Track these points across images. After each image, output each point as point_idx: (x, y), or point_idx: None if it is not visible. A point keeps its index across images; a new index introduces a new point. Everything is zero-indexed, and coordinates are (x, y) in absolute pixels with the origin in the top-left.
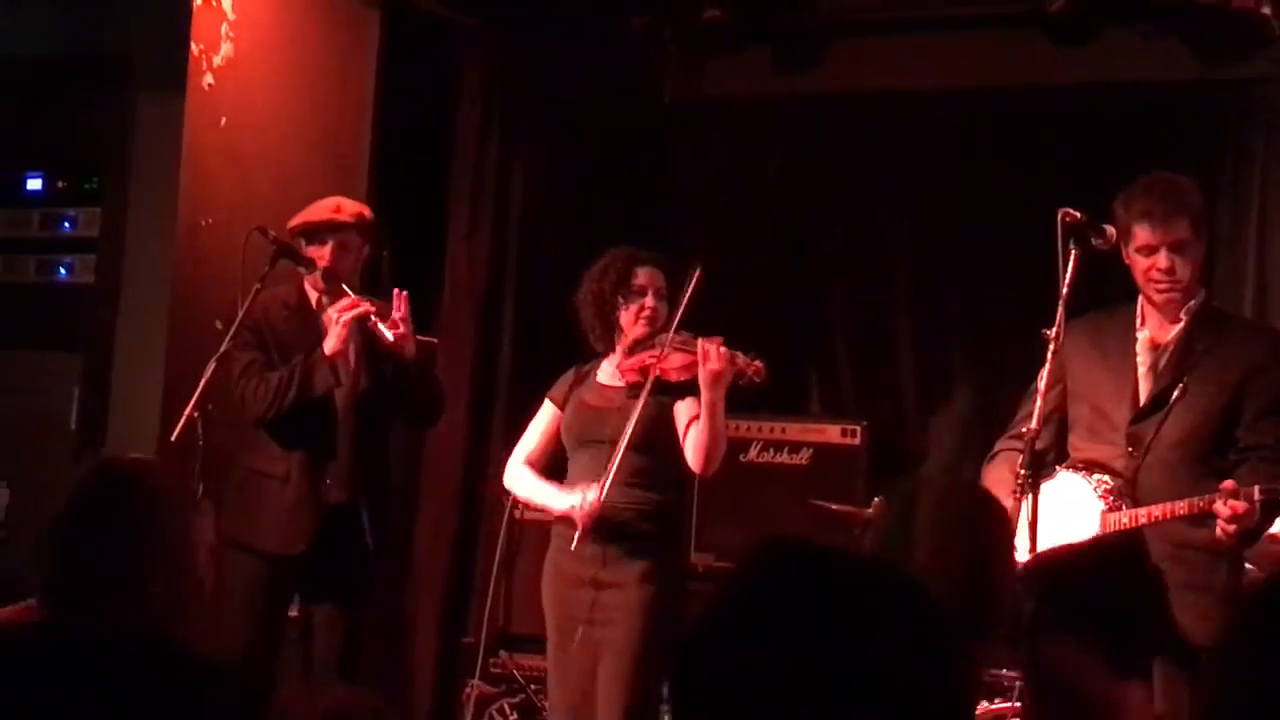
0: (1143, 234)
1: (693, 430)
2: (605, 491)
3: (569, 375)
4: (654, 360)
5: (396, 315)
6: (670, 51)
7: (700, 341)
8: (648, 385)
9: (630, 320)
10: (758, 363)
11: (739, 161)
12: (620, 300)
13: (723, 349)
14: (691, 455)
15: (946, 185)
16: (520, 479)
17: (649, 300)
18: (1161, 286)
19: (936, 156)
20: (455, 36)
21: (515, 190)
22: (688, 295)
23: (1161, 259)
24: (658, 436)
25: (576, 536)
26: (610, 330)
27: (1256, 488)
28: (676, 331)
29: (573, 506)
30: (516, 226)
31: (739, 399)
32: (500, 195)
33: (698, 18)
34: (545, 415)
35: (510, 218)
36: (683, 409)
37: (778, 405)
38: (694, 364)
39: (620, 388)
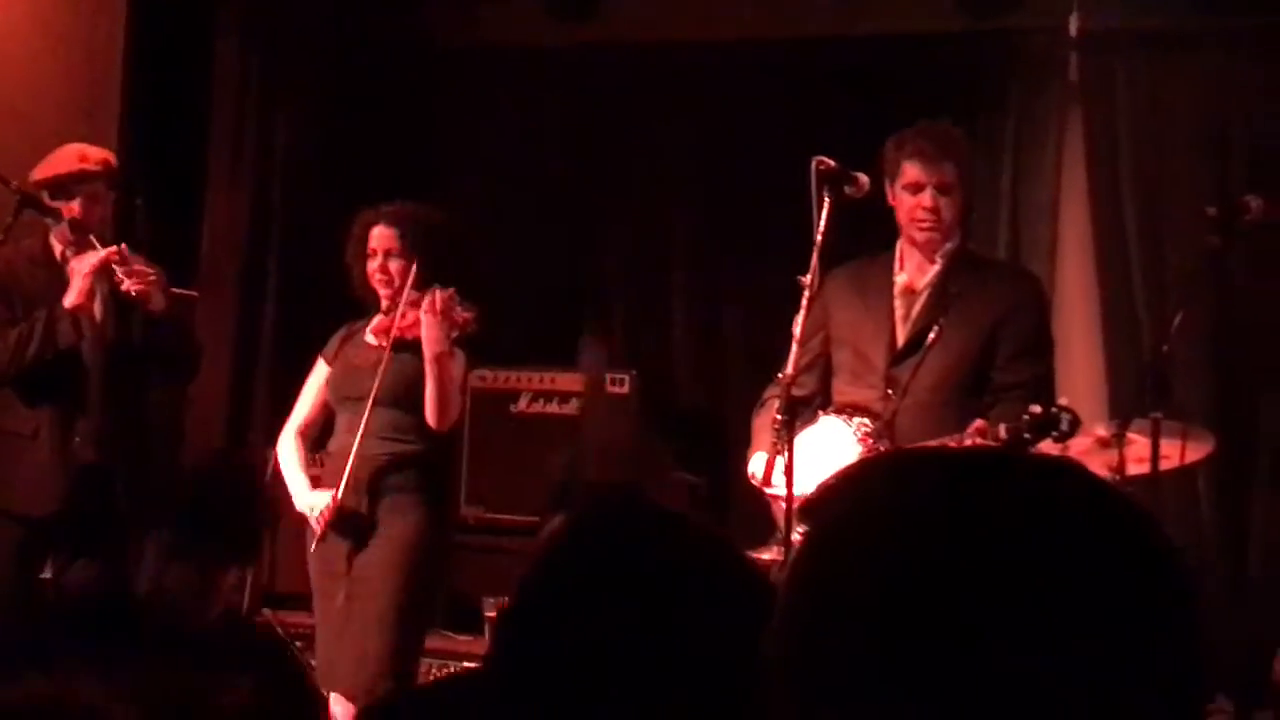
0: (912, 171)
1: (426, 386)
2: (344, 486)
3: (341, 332)
4: (391, 323)
5: (137, 266)
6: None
7: (425, 297)
8: (389, 344)
9: (371, 281)
10: (467, 314)
11: (514, 112)
12: (364, 262)
13: (436, 302)
14: (426, 410)
15: (721, 138)
16: (284, 456)
17: (378, 262)
18: (924, 224)
19: (711, 109)
20: None
21: (279, 138)
22: (421, 255)
23: (926, 197)
24: (409, 392)
25: (315, 539)
26: (368, 290)
27: (1002, 426)
28: (420, 286)
29: (310, 509)
30: (281, 176)
31: (508, 352)
32: (263, 144)
33: None
34: (318, 376)
35: (274, 167)
36: (427, 358)
37: (548, 356)
38: (427, 318)
39: (377, 346)
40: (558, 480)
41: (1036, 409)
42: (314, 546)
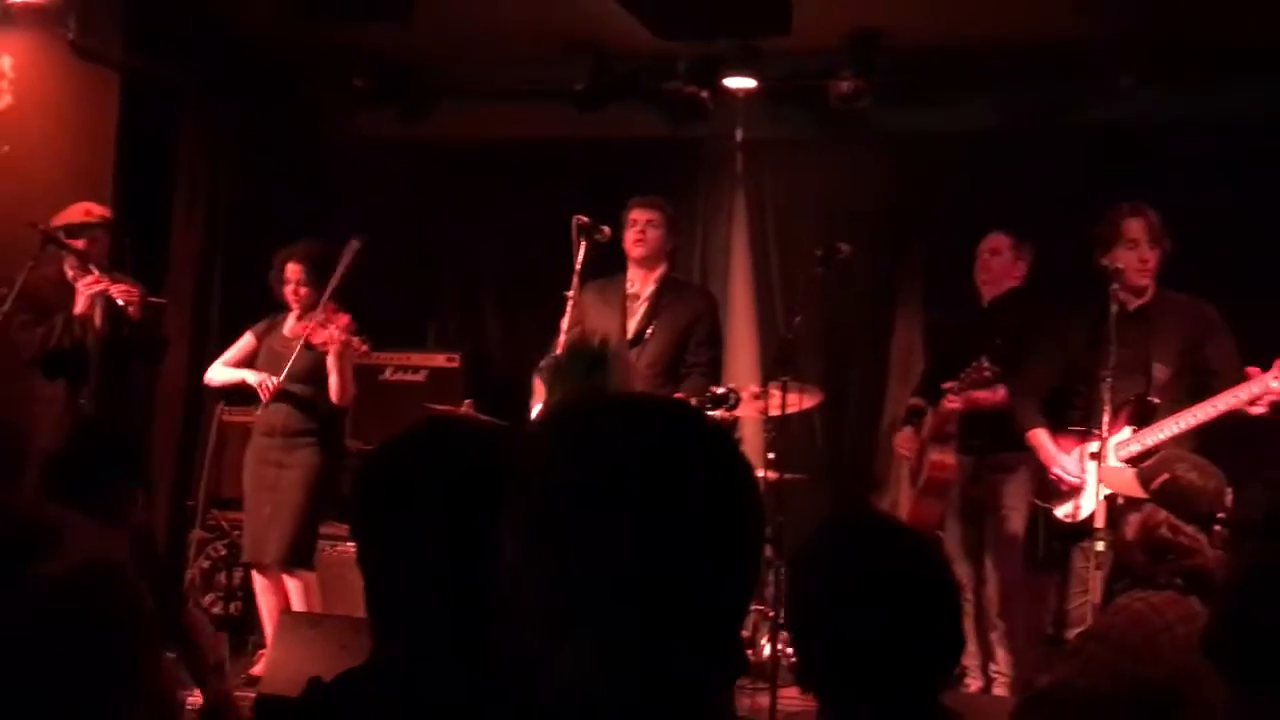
0: (632, 215)
1: (330, 377)
2: (284, 376)
3: (265, 320)
4: (307, 326)
5: (123, 288)
6: (331, 106)
7: (332, 325)
8: (299, 345)
9: (287, 298)
10: (364, 346)
11: (383, 185)
12: (281, 285)
13: (338, 332)
14: (330, 393)
15: (517, 203)
16: (220, 371)
17: (291, 286)
18: (639, 248)
19: (506, 183)
20: (177, 93)
21: (221, 198)
22: (336, 279)
23: (637, 230)
24: (313, 374)
25: (264, 402)
26: (284, 301)
27: (693, 400)
28: (330, 300)
29: (261, 382)
30: (223, 223)
31: (378, 340)
32: (211, 201)
33: (350, 84)
34: (244, 341)
35: (218, 216)
36: (330, 361)
37: (405, 341)
38: (331, 336)
39: (293, 340)
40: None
41: (718, 390)
42: (260, 410)
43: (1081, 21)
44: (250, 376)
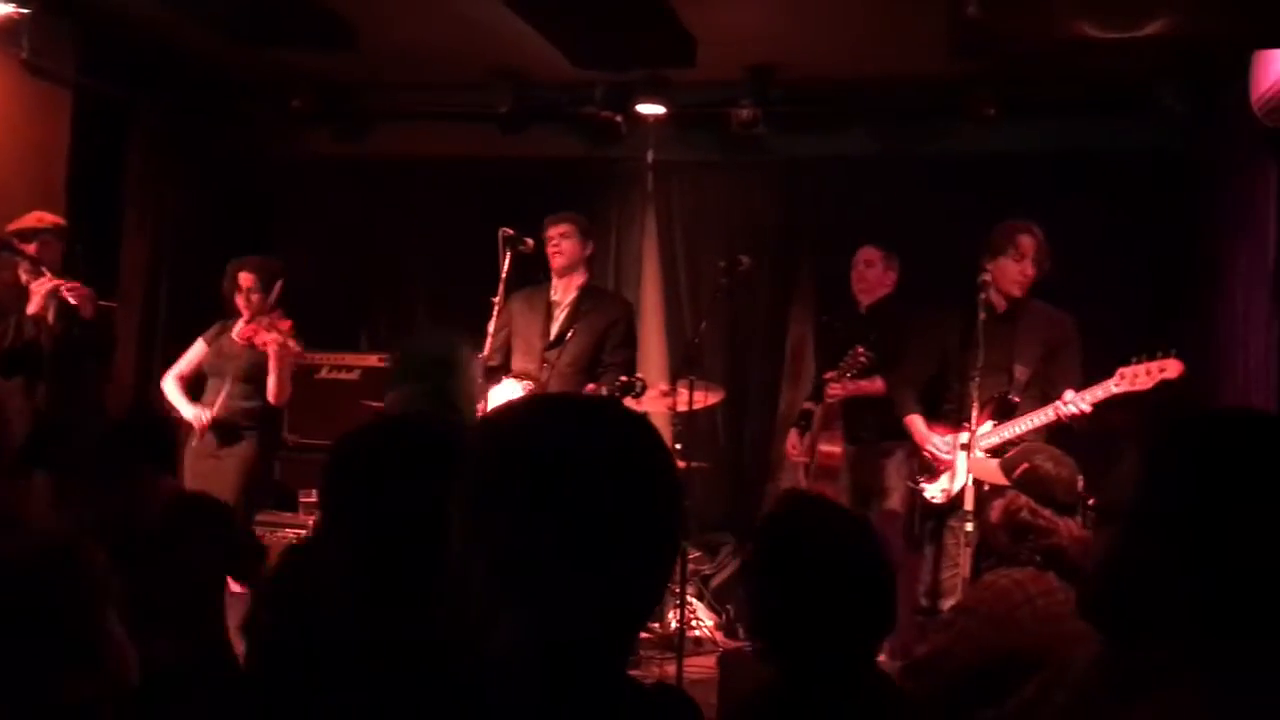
0: (548, 231)
1: (269, 377)
2: (218, 408)
3: (216, 326)
4: (252, 331)
5: (75, 287)
6: (271, 124)
7: (274, 329)
8: (245, 344)
9: (239, 304)
10: (299, 348)
11: (320, 199)
12: (234, 293)
13: (276, 335)
14: (269, 392)
15: (447, 217)
16: (170, 390)
17: (244, 295)
18: (557, 259)
19: (436, 198)
20: (126, 111)
21: (168, 207)
22: (276, 290)
23: (553, 244)
24: (256, 374)
25: (197, 435)
26: (233, 309)
27: (604, 387)
28: (273, 309)
29: (196, 416)
30: (169, 232)
31: (314, 341)
32: (159, 211)
33: (289, 104)
34: (196, 348)
35: (165, 226)
36: (270, 362)
37: (340, 342)
38: (272, 339)
39: (239, 342)
40: None
41: (624, 379)
42: (194, 443)
43: (954, 60)
44: (187, 411)
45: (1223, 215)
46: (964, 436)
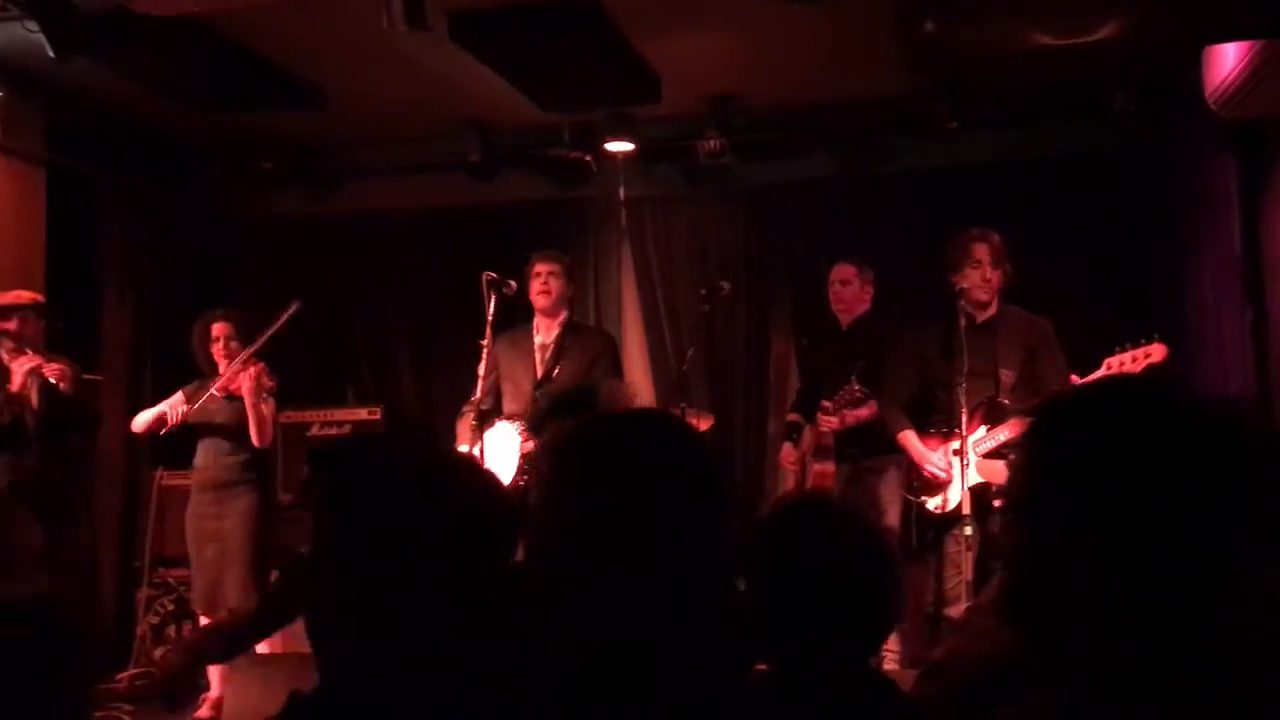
0: (536, 268)
1: (250, 419)
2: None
3: (195, 382)
4: (228, 379)
5: (55, 367)
6: (242, 187)
7: (245, 370)
8: (222, 395)
9: (214, 355)
10: (271, 382)
11: (297, 258)
12: (208, 344)
13: (249, 376)
14: (250, 434)
15: (422, 267)
16: (142, 415)
17: (220, 345)
18: (543, 298)
19: (412, 249)
20: (98, 184)
21: (147, 280)
22: (269, 331)
23: (540, 281)
24: (240, 427)
25: (171, 424)
26: (209, 363)
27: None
28: (251, 358)
29: (172, 404)
30: (149, 305)
31: (302, 398)
32: (136, 285)
33: (259, 166)
34: (174, 398)
35: (144, 300)
36: (246, 402)
37: (329, 399)
38: (243, 380)
39: (219, 397)
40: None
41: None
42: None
43: (909, 78)
44: (157, 409)
45: (1186, 207)
46: (956, 444)
